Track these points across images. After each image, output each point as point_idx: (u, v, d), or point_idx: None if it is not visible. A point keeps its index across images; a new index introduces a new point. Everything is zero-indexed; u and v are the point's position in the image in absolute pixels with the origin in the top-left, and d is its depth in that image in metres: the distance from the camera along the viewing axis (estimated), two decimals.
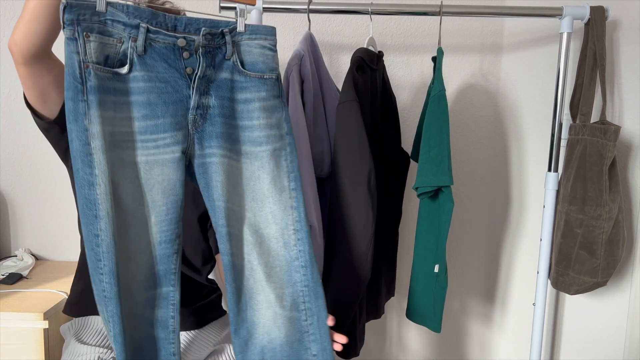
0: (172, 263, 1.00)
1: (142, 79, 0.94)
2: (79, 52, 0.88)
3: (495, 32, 1.74)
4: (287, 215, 1.04)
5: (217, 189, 1.00)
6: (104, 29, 0.91)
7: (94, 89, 0.89)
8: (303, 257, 1.04)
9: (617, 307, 1.59)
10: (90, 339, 1.15)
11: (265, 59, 1.02)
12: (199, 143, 1.00)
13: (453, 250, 1.87)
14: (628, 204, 1.52)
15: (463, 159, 1.82)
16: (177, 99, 0.97)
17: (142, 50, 0.93)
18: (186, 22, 0.96)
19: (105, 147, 0.91)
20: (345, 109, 1.23)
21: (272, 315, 1.05)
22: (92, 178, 0.90)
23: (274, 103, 1.03)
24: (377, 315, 1.50)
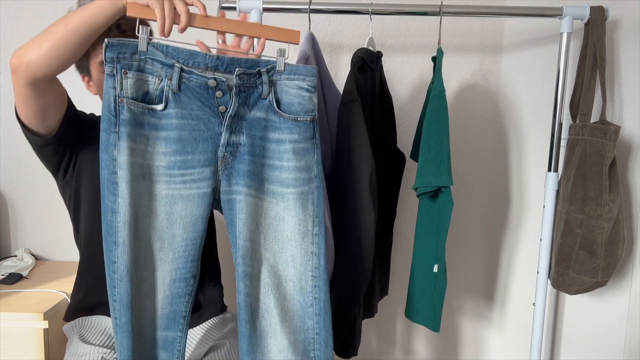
0: (182, 305, 1.02)
1: (175, 116, 0.98)
2: (116, 87, 0.94)
3: (495, 32, 1.74)
4: (307, 261, 1.04)
5: (239, 226, 1.01)
6: (144, 67, 0.96)
7: (126, 123, 0.94)
8: (318, 305, 1.04)
9: (617, 307, 1.59)
10: (94, 338, 1.15)
11: (302, 100, 1.02)
12: (227, 179, 1.02)
13: (453, 250, 1.87)
14: (628, 204, 1.52)
15: (463, 159, 1.82)
16: (208, 136, 1.00)
17: (176, 88, 0.97)
18: (228, 62, 0.98)
19: (130, 178, 0.95)
20: (349, 110, 1.23)
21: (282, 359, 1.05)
22: (115, 206, 0.95)
23: (305, 145, 1.03)
24: (370, 314, 1.50)
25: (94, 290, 1.19)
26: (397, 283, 1.88)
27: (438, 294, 1.33)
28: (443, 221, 1.30)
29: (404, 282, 1.87)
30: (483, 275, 1.89)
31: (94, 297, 1.20)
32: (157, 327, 1.02)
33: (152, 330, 1.02)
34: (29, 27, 1.68)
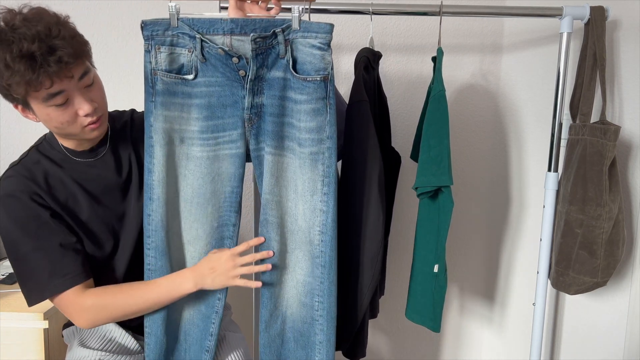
0: (227, 247, 1.13)
1: (204, 84, 1.06)
2: (151, 62, 1.04)
3: (495, 32, 1.74)
4: (315, 217, 1.10)
5: (263, 180, 1.11)
6: (176, 41, 1.04)
7: (160, 93, 1.05)
8: (323, 258, 1.10)
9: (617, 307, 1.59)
10: (94, 343, 1.15)
11: (313, 58, 1.02)
12: (255, 139, 1.10)
13: (453, 250, 1.87)
14: (628, 204, 1.52)
15: (463, 159, 1.82)
16: (233, 101, 1.07)
17: (202, 58, 1.05)
18: (242, 23, 1.02)
19: (163, 142, 1.06)
20: (359, 109, 1.23)
21: (295, 294, 1.15)
22: (151, 166, 1.07)
23: (316, 106, 1.04)
24: (373, 315, 1.51)
25: None
26: (397, 283, 1.88)
27: (438, 294, 1.33)
28: (443, 221, 1.30)
29: (404, 282, 1.87)
30: (483, 275, 1.89)
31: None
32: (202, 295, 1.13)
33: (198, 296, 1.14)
34: None
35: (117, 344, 1.16)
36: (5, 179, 1.02)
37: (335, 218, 1.09)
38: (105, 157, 1.11)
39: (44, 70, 0.89)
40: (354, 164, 1.24)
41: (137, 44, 1.71)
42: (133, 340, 1.18)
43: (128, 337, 1.17)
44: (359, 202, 1.24)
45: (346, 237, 1.28)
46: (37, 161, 1.05)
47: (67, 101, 0.95)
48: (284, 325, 1.17)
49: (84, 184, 1.07)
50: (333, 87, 1.04)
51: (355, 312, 1.30)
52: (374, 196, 1.24)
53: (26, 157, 1.06)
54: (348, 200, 1.26)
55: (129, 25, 1.70)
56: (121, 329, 1.18)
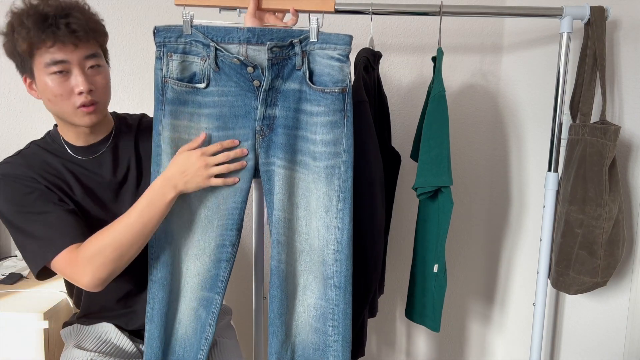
0: (222, 269, 1.09)
1: (216, 94, 1.03)
2: (162, 69, 1.02)
3: (495, 32, 1.74)
4: (330, 235, 1.05)
5: (274, 197, 1.06)
6: (189, 49, 1.02)
7: (169, 101, 1.02)
8: (338, 278, 1.06)
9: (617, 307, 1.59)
10: (89, 344, 1.14)
11: (331, 70, 1.00)
12: (265, 152, 1.06)
13: (453, 250, 1.87)
14: (628, 204, 1.51)
15: (463, 159, 1.82)
16: (245, 112, 1.04)
17: (215, 66, 1.02)
18: (259, 33, 0.99)
19: (171, 152, 1.04)
20: (359, 110, 1.23)
21: (306, 320, 1.10)
22: (157, 175, 1.04)
23: (333, 118, 1.01)
24: (373, 314, 1.51)
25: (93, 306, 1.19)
26: (397, 283, 1.88)
27: (438, 293, 1.33)
28: (443, 221, 1.30)
29: (403, 282, 1.87)
30: (483, 275, 1.89)
31: (94, 310, 1.19)
32: (202, 287, 1.10)
33: (198, 290, 1.10)
34: None
35: (112, 345, 1.16)
36: (2, 164, 1.05)
37: (351, 235, 1.04)
38: (104, 155, 1.11)
39: (51, 30, 0.92)
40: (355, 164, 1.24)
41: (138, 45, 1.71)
42: (129, 342, 1.17)
43: (124, 339, 1.17)
44: (359, 202, 1.24)
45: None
46: (36, 152, 1.08)
47: (66, 73, 0.97)
48: (293, 354, 1.12)
49: (79, 176, 1.08)
50: (351, 99, 1.01)
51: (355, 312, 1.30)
52: (375, 196, 1.24)
53: (25, 149, 1.09)
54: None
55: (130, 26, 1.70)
56: (117, 330, 1.17)
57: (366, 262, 1.26)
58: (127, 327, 1.19)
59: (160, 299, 1.08)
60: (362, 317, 1.33)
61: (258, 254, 1.40)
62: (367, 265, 1.26)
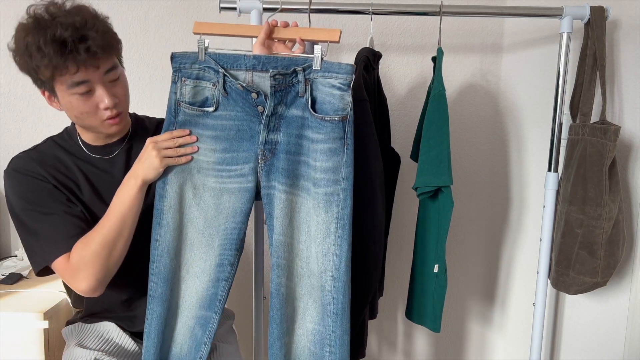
0: (221, 289, 1.11)
1: (225, 118, 1.08)
2: (176, 92, 1.07)
3: (495, 32, 1.74)
4: (328, 261, 1.06)
5: (274, 220, 1.08)
6: (202, 75, 1.06)
7: (180, 123, 1.07)
8: (336, 305, 1.07)
9: (617, 307, 1.59)
10: (91, 343, 1.14)
11: (332, 98, 1.02)
12: (266, 176, 1.08)
13: (453, 250, 1.87)
14: (628, 204, 1.51)
15: (463, 159, 1.82)
16: (250, 136, 1.08)
17: (224, 92, 1.06)
18: (264, 60, 1.02)
19: (179, 170, 1.08)
20: (359, 109, 1.23)
21: (305, 344, 1.12)
22: (163, 192, 1.08)
23: (333, 146, 1.03)
24: (373, 315, 1.50)
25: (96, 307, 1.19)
26: (396, 283, 1.88)
27: (438, 294, 1.33)
28: (443, 221, 1.30)
29: (403, 283, 1.87)
30: (483, 275, 1.89)
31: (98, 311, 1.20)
32: (200, 306, 1.12)
33: (196, 308, 1.13)
34: None
35: (114, 344, 1.16)
36: (14, 159, 1.08)
37: (349, 263, 1.05)
38: (118, 156, 1.13)
39: (72, 56, 0.93)
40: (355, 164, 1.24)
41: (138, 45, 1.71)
42: (131, 341, 1.18)
43: (126, 338, 1.17)
44: (359, 202, 1.24)
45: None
46: (50, 148, 1.10)
47: (90, 92, 0.99)
48: None
49: (90, 176, 1.10)
50: (352, 127, 1.02)
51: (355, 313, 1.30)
52: (375, 196, 1.24)
53: (41, 145, 1.12)
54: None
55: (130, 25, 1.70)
56: (120, 330, 1.17)
57: (366, 263, 1.26)
58: (129, 328, 1.19)
59: (159, 315, 1.10)
60: (363, 318, 1.33)
61: (258, 255, 1.40)
62: (367, 265, 1.26)
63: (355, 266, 1.27)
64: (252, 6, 1.32)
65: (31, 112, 1.72)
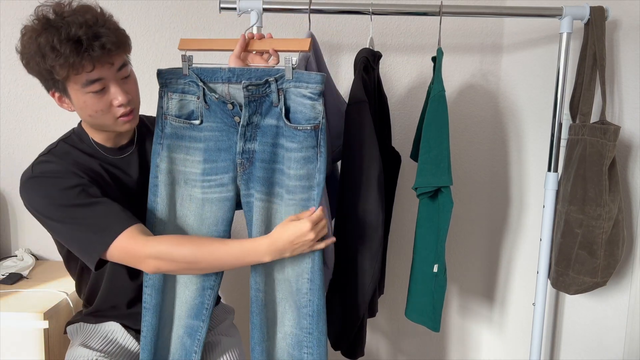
0: (206, 297, 1.14)
1: (207, 129, 1.11)
2: (162, 106, 1.10)
3: (495, 32, 1.74)
4: (304, 264, 1.09)
5: (253, 227, 1.11)
6: (186, 88, 1.09)
7: (167, 136, 1.11)
8: (311, 307, 1.09)
9: (617, 307, 1.59)
10: (95, 343, 1.15)
11: (303, 108, 1.03)
12: (245, 184, 1.11)
13: (453, 250, 1.87)
14: (628, 204, 1.52)
15: (463, 159, 1.82)
16: (228, 146, 1.10)
17: (204, 104, 1.09)
18: (238, 73, 1.05)
19: (168, 182, 1.11)
20: (358, 110, 1.23)
21: (284, 347, 1.15)
22: (154, 205, 1.11)
23: (307, 154, 1.04)
24: (372, 314, 1.51)
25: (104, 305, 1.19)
26: (396, 283, 1.88)
27: (438, 293, 1.33)
28: (443, 221, 1.30)
29: (403, 282, 1.87)
30: (483, 275, 1.89)
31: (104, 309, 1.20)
32: (188, 315, 1.15)
33: (185, 317, 1.15)
34: None
35: (118, 345, 1.16)
36: (37, 164, 1.05)
37: (322, 266, 1.08)
38: (132, 156, 1.15)
39: (88, 54, 0.94)
40: (354, 164, 1.24)
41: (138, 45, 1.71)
42: (135, 341, 1.19)
43: (130, 339, 1.18)
44: (359, 202, 1.24)
45: (346, 237, 1.28)
46: (67, 152, 1.09)
47: (104, 89, 1.00)
48: None
49: (113, 175, 1.11)
50: (325, 135, 1.04)
51: (354, 312, 1.30)
52: (373, 196, 1.24)
53: (55, 148, 1.10)
54: (348, 200, 1.26)
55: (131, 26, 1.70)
56: (123, 330, 1.18)
57: (365, 263, 1.26)
58: (133, 326, 1.20)
59: (154, 327, 1.12)
60: (362, 317, 1.33)
61: None
62: (367, 265, 1.26)
63: (355, 266, 1.27)
64: (252, 6, 1.32)
65: (31, 112, 1.73)
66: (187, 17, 1.69)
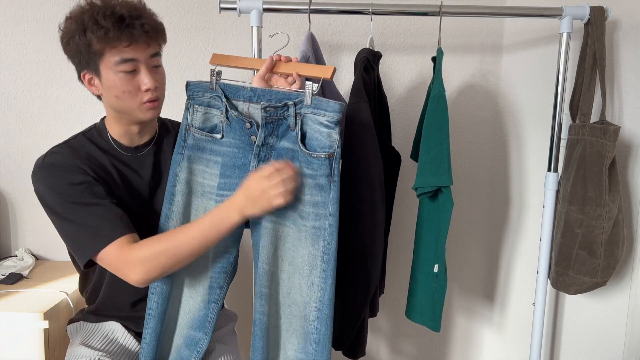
0: (211, 310, 1.15)
1: (227, 144, 1.12)
2: (187, 118, 1.14)
3: (495, 32, 1.74)
4: (312, 293, 1.08)
5: (260, 250, 1.10)
6: (212, 102, 1.12)
7: (189, 147, 1.13)
8: (318, 335, 1.08)
9: (617, 307, 1.59)
10: (96, 342, 1.15)
11: (319, 135, 1.02)
12: None
13: (453, 250, 1.87)
14: (628, 204, 1.52)
15: (463, 159, 1.82)
16: (242, 163, 1.11)
17: (226, 120, 1.11)
18: (260, 93, 1.06)
19: (186, 192, 1.13)
20: (359, 110, 1.23)
21: None
22: (169, 212, 1.12)
23: (320, 182, 1.03)
24: (373, 314, 1.51)
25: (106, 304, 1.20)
26: (397, 283, 1.88)
27: (438, 293, 1.33)
28: (443, 221, 1.30)
29: (403, 282, 1.87)
30: (483, 275, 1.89)
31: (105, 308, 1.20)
32: (190, 326, 1.15)
33: (186, 328, 1.16)
34: (29, 27, 1.68)
35: (118, 344, 1.16)
36: (49, 154, 1.07)
37: (333, 296, 1.07)
38: (147, 156, 1.16)
39: (128, 30, 0.99)
40: (354, 164, 1.24)
41: None
42: (135, 342, 1.18)
43: (130, 338, 1.18)
44: (359, 202, 1.24)
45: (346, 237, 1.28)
46: (83, 144, 1.10)
47: (134, 71, 1.02)
48: None
49: (122, 173, 1.12)
50: (339, 164, 1.03)
51: (355, 312, 1.30)
52: (374, 196, 1.24)
53: (72, 140, 1.12)
54: (348, 200, 1.26)
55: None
56: (124, 330, 1.18)
57: (366, 262, 1.26)
58: (134, 328, 1.20)
59: (157, 333, 1.13)
60: (363, 317, 1.33)
61: None
62: (367, 265, 1.26)
63: (356, 266, 1.27)
64: (252, 6, 1.32)
65: (31, 112, 1.73)
66: (187, 17, 1.70)
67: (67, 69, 1.70)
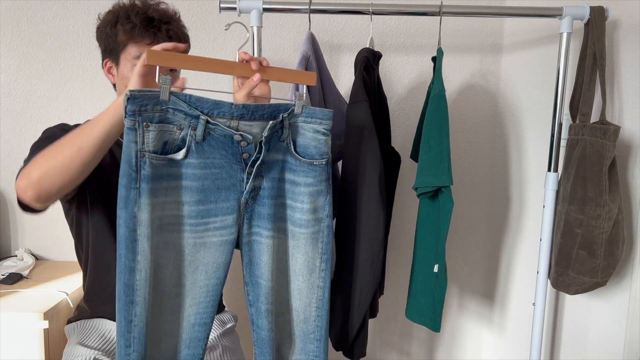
0: (199, 348, 1.01)
1: (197, 166, 0.95)
2: (137, 141, 0.88)
3: (495, 32, 1.74)
4: (313, 294, 1.08)
5: (260, 267, 1.03)
6: (165, 117, 0.91)
7: (147, 178, 0.90)
8: (319, 332, 1.10)
9: (617, 307, 1.59)
10: (92, 341, 1.15)
11: (317, 143, 1.03)
12: (248, 223, 1.02)
13: (453, 250, 1.87)
14: (628, 204, 1.52)
15: (463, 159, 1.82)
16: (230, 184, 0.99)
17: (200, 138, 0.94)
18: (253, 109, 0.95)
19: (151, 234, 0.91)
20: (359, 110, 1.23)
21: None
22: (134, 264, 0.90)
23: (319, 188, 1.04)
24: (373, 315, 1.51)
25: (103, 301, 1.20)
26: (396, 283, 1.88)
27: (438, 293, 1.33)
28: (443, 221, 1.30)
29: (403, 282, 1.87)
30: (483, 275, 1.89)
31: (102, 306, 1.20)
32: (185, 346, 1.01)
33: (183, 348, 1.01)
34: (29, 27, 1.68)
35: (115, 343, 1.16)
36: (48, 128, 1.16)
37: (329, 293, 1.10)
38: None
39: (153, 31, 1.08)
40: (354, 164, 1.25)
41: None
42: None
43: None
44: (359, 202, 1.24)
45: (346, 237, 1.28)
46: None
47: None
48: None
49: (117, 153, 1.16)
50: (331, 168, 1.06)
51: (356, 313, 1.30)
52: (374, 196, 1.24)
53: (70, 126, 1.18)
54: (348, 200, 1.26)
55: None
56: None
57: (366, 262, 1.26)
58: None
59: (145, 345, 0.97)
60: (363, 318, 1.33)
61: None
62: (367, 265, 1.26)
63: (356, 266, 1.27)
64: (252, 6, 1.32)
65: (31, 112, 1.72)
66: (187, 17, 1.70)
67: (68, 69, 1.70)
